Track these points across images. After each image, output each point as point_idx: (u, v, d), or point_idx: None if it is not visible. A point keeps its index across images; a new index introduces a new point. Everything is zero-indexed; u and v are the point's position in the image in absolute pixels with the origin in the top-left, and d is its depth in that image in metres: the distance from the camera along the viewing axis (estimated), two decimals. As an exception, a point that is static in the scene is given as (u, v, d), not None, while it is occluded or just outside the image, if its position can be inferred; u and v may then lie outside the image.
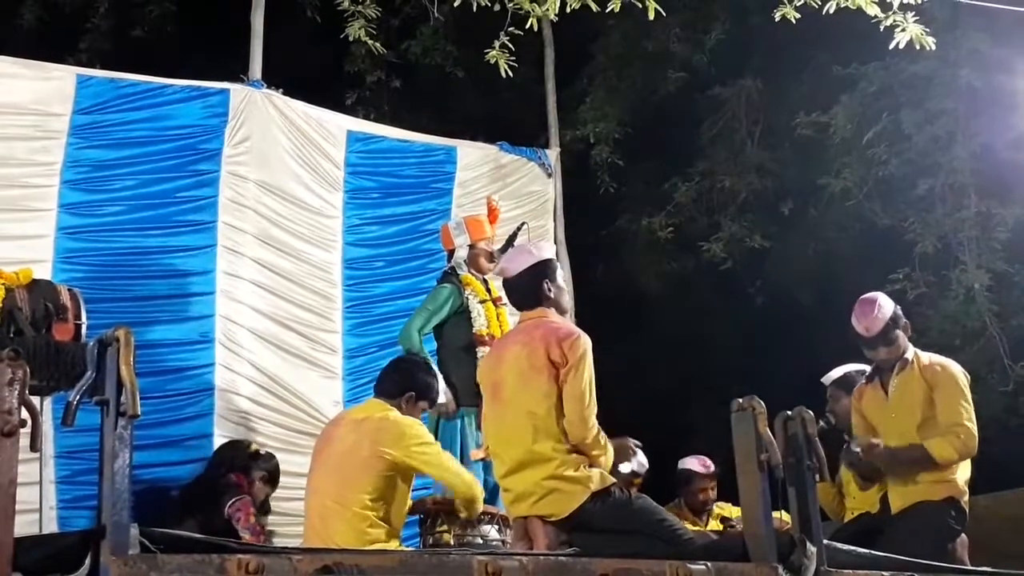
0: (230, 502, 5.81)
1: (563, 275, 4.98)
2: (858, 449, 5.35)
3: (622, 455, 4.93)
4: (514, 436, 4.63)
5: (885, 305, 5.52)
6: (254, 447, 6.26)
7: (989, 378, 10.16)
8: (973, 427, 5.26)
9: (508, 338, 4.98)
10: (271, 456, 6.29)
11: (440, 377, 6.11)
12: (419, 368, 5.55)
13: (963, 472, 5.34)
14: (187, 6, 11.80)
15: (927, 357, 5.48)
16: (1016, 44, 9.04)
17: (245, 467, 6.10)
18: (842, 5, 6.97)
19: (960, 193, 10.19)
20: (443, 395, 6.10)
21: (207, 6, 11.32)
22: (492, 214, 6.93)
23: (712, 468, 7.20)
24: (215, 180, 7.05)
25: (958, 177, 10.09)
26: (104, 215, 6.74)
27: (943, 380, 5.35)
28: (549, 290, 4.82)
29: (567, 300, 4.98)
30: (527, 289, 4.85)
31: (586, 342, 4.63)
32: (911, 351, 5.48)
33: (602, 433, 4.62)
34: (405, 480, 5.07)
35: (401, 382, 5.38)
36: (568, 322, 4.89)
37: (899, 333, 5.46)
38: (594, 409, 4.59)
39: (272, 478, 6.22)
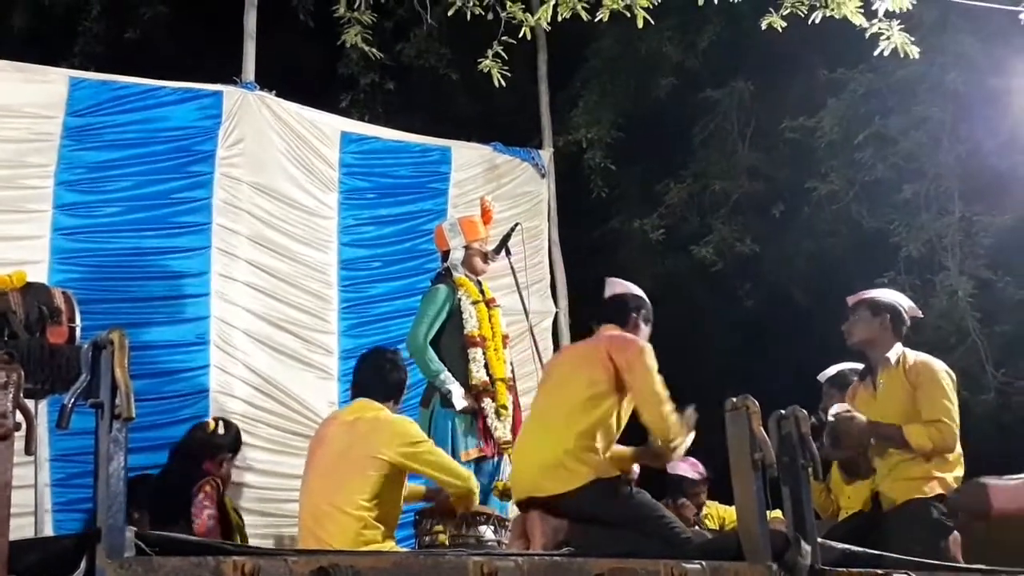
0: (198, 485, 5.75)
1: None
2: (832, 418, 5.37)
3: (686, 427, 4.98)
4: (544, 415, 4.78)
5: (877, 292, 5.77)
6: (211, 427, 6.06)
7: (975, 381, 10.21)
8: (953, 425, 5.28)
9: (576, 343, 5.11)
10: (228, 426, 6.10)
11: (455, 383, 6.17)
12: (396, 366, 5.51)
13: (954, 469, 5.36)
14: (180, 8, 11.78)
15: (913, 357, 5.52)
16: (1003, 48, 9.07)
17: (212, 453, 6.00)
18: (827, 15, 7.01)
19: (945, 198, 10.24)
20: (463, 400, 6.14)
21: (200, 8, 11.31)
22: (486, 215, 6.93)
23: (704, 473, 7.22)
24: (209, 182, 7.06)
25: (943, 182, 10.15)
26: (99, 216, 6.75)
27: (925, 378, 5.39)
28: (637, 322, 5.06)
29: (645, 337, 5.11)
30: (619, 309, 5.09)
31: (647, 347, 4.83)
32: (897, 350, 5.52)
33: (681, 425, 4.76)
34: (398, 480, 5.07)
35: (389, 384, 5.38)
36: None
37: (868, 315, 5.56)
38: (670, 405, 4.74)
39: (235, 447, 6.09)
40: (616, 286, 5.20)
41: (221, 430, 6.02)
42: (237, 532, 6.01)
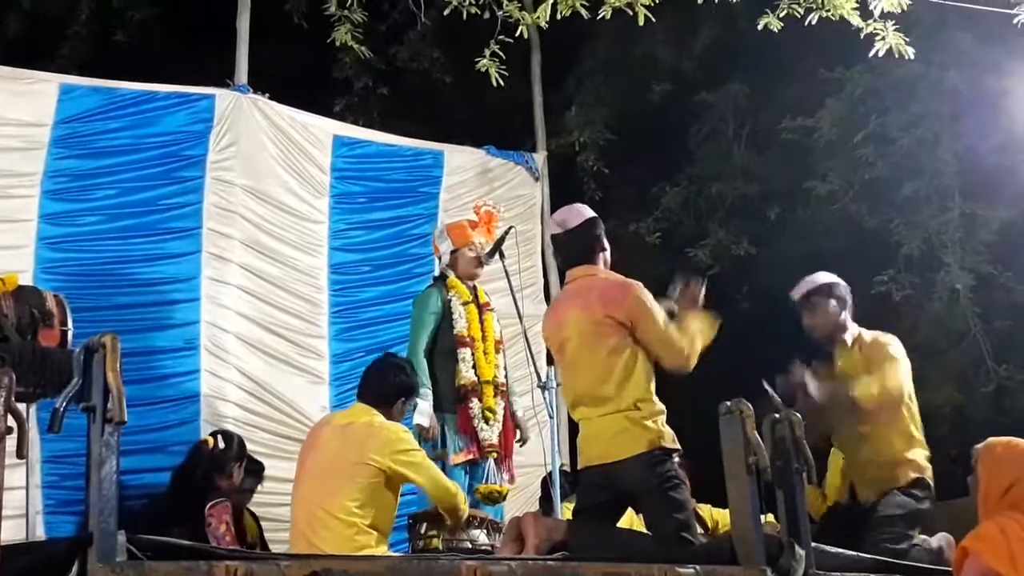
0: (211, 504, 5.74)
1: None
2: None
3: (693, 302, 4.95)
4: (593, 392, 4.72)
5: (820, 278, 5.76)
6: (211, 443, 5.98)
7: (974, 379, 10.20)
8: (900, 384, 5.33)
9: (564, 301, 4.98)
10: (228, 438, 6.05)
11: (427, 400, 6.06)
12: (402, 371, 5.51)
13: (920, 449, 5.38)
14: (171, 11, 11.76)
15: (871, 335, 5.56)
16: (1001, 46, 9.08)
17: (220, 468, 5.98)
18: (824, 15, 7.03)
19: (945, 195, 10.23)
20: (427, 418, 6.03)
21: (192, 11, 11.30)
22: (490, 220, 6.84)
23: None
24: (199, 186, 7.03)
25: (943, 179, 10.14)
26: (85, 225, 6.72)
27: (880, 353, 5.45)
28: (603, 244, 4.95)
29: (609, 255, 5.04)
30: (583, 243, 4.94)
31: (637, 288, 4.76)
32: (853, 330, 5.58)
33: (690, 349, 4.74)
34: (392, 486, 5.04)
35: (387, 388, 5.36)
36: (614, 275, 4.92)
37: (827, 303, 5.62)
38: (678, 336, 4.72)
39: (241, 456, 6.05)
40: (568, 214, 5.04)
41: (222, 444, 5.99)
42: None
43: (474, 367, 6.27)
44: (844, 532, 4.97)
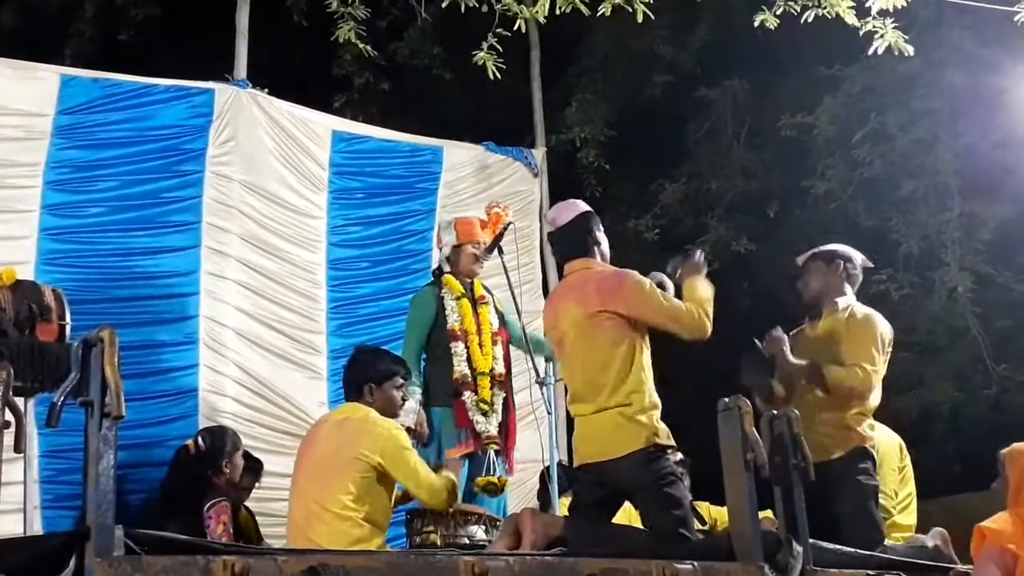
0: (209, 503, 5.74)
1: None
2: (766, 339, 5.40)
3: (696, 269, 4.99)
4: (589, 386, 4.74)
5: (828, 245, 5.75)
6: (192, 448, 5.99)
7: (974, 377, 10.19)
8: (873, 374, 5.21)
9: (560, 294, 5.01)
10: (212, 437, 6.06)
11: (414, 399, 6.00)
12: (363, 363, 5.46)
13: (870, 419, 5.31)
14: (173, 8, 11.75)
15: (861, 309, 5.49)
16: (1000, 43, 9.06)
17: (208, 466, 5.97)
18: (820, 14, 7.03)
19: (943, 194, 10.22)
20: (412, 416, 5.96)
21: (193, 7, 11.29)
22: (497, 221, 6.80)
23: None
24: (199, 180, 7.03)
25: (941, 178, 10.13)
26: (86, 216, 6.71)
27: (861, 327, 5.34)
28: (596, 238, 4.96)
29: (607, 249, 5.06)
30: (576, 237, 4.96)
31: (633, 277, 4.78)
32: (848, 299, 5.49)
33: (700, 313, 4.79)
34: (385, 481, 5.04)
35: (356, 383, 5.34)
36: (609, 267, 4.95)
37: (820, 266, 5.57)
38: (685, 307, 4.78)
39: (233, 447, 6.05)
40: (560, 211, 5.05)
41: (203, 446, 6.00)
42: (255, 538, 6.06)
43: (467, 360, 6.26)
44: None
